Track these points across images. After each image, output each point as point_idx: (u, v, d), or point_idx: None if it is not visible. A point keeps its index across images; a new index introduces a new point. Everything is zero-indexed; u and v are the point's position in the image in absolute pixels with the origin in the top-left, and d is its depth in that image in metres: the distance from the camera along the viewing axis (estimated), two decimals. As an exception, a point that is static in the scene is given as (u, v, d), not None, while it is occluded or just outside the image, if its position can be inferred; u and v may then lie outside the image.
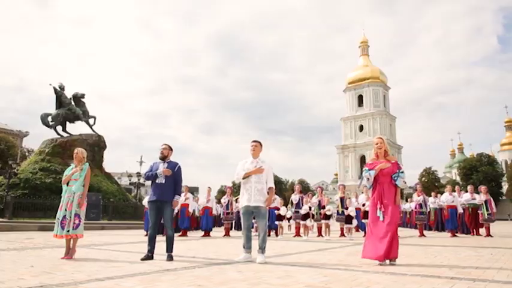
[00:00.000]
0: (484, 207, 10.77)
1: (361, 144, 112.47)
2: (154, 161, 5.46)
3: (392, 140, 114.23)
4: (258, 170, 4.85)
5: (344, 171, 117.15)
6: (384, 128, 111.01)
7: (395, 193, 4.56)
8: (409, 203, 16.99)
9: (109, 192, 23.67)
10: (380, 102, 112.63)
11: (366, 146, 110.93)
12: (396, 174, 4.56)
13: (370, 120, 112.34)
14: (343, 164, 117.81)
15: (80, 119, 25.92)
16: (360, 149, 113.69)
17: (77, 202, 5.22)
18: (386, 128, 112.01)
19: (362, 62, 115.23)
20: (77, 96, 26.03)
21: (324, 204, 10.15)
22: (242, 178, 4.88)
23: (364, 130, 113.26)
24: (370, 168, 4.66)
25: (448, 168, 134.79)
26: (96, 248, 7.04)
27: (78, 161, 5.50)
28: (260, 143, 5.12)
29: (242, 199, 4.91)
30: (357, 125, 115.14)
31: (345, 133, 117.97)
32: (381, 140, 4.76)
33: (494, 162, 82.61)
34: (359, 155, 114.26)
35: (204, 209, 11.45)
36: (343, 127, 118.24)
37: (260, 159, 5.01)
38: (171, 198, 5.06)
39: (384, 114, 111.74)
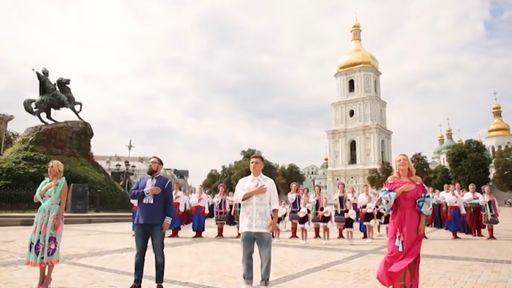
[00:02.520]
0: (487, 209, 10.36)
1: (351, 129, 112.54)
2: (142, 176, 4.79)
3: (383, 126, 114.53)
4: (260, 189, 4.24)
5: (334, 156, 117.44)
6: (374, 113, 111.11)
7: (419, 221, 3.99)
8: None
9: (96, 182, 22.93)
10: (371, 87, 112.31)
11: (356, 131, 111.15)
12: (421, 198, 3.98)
13: (360, 106, 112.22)
14: (334, 149, 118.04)
15: (65, 105, 24.91)
16: (350, 134, 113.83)
17: (52, 224, 4.54)
18: (377, 114, 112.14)
19: (354, 47, 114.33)
20: (62, 81, 24.96)
21: (322, 205, 9.63)
22: (242, 199, 4.26)
23: (355, 115, 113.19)
24: (390, 189, 4.07)
25: (436, 154, 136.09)
26: (78, 263, 6.40)
27: (53, 175, 4.79)
28: (262, 158, 4.49)
29: (242, 223, 4.29)
30: (348, 110, 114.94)
31: (335, 118, 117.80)
32: (405, 157, 4.16)
33: (482, 149, 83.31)
34: (349, 140, 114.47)
35: (196, 208, 10.85)
36: (334, 112, 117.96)
37: (262, 177, 4.39)
38: (160, 221, 4.43)
39: (375, 99, 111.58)
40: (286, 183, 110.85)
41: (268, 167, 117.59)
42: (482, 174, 79.17)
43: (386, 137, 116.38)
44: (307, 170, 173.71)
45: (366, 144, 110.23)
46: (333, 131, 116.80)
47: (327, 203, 9.64)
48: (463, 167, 77.64)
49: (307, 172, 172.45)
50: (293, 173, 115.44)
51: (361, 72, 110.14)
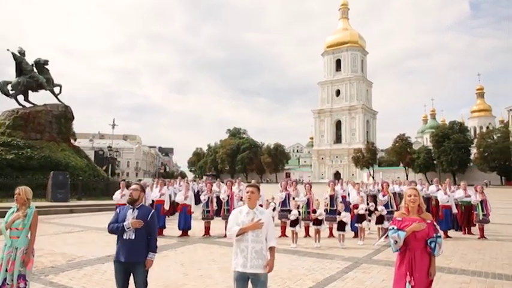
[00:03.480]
0: (479, 208, 10.22)
1: (337, 109, 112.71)
2: (121, 206, 4.30)
3: (368, 106, 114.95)
4: (255, 224, 3.80)
5: (320, 135, 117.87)
6: (360, 93, 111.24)
7: (430, 263, 3.64)
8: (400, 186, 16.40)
9: (78, 168, 22.24)
10: (358, 67, 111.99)
11: (342, 111, 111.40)
12: (433, 239, 3.63)
13: (347, 85, 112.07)
14: (319, 128, 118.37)
15: (43, 87, 23.85)
16: (336, 113, 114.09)
17: (21, 260, 4.05)
18: (363, 94, 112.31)
19: (341, 26, 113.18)
20: (40, 62, 23.80)
21: (314, 207, 9.30)
22: (236, 235, 3.83)
23: (341, 95, 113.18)
24: (399, 228, 3.69)
25: (420, 134, 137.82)
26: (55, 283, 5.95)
27: (20, 203, 4.24)
28: (258, 187, 4.04)
29: (236, 261, 3.87)
30: (334, 90, 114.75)
31: (321, 97, 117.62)
32: (416, 192, 3.77)
33: (465, 130, 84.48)
34: (335, 120, 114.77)
35: (182, 207, 10.42)
36: (320, 91, 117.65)
37: (258, 210, 3.95)
38: (143, 258, 3.99)
39: (361, 79, 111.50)
40: (271, 162, 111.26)
41: (253, 145, 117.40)
42: (464, 155, 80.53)
43: (372, 117, 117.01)
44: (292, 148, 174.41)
45: (352, 124, 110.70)
46: (318, 110, 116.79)
47: (319, 204, 9.31)
48: (446, 148, 78.74)
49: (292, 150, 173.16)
50: (278, 152, 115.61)
51: (349, 51, 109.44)
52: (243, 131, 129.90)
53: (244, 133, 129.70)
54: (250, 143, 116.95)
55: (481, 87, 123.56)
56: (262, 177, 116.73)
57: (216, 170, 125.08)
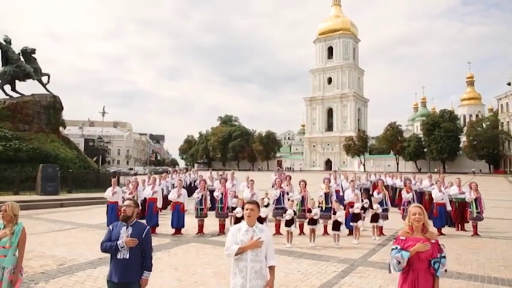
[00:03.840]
0: (473, 206, 10.23)
1: (329, 96, 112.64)
2: (114, 222, 4.11)
3: (360, 94, 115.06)
4: (255, 243, 3.67)
5: (311, 123, 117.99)
6: (352, 81, 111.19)
7: (433, 284, 3.55)
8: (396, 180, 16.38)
9: (68, 159, 21.89)
10: (350, 55, 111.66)
11: (334, 99, 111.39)
12: (437, 259, 3.53)
13: (339, 73, 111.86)
14: (311, 116, 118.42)
15: (31, 77, 23.29)
16: (327, 101, 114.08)
17: (8, 280, 3.87)
18: (354, 82, 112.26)
19: (334, 13, 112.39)
20: (27, 51, 23.20)
21: (309, 206, 9.21)
22: (235, 254, 3.69)
23: (333, 83, 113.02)
24: (402, 247, 3.58)
25: (410, 122, 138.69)
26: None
27: (7, 220, 4.03)
28: (257, 204, 3.89)
29: (234, 281, 3.74)
30: (326, 77, 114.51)
31: (313, 85, 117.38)
32: (421, 210, 3.65)
33: (455, 119, 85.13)
34: (326, 108, 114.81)
35: (175, 205, 10.26)
36: (312, 79, 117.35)
37: (257, 227, 3.81)
38: (138, 277, 3.83)
39: (353, 67, 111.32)
40: (263, 150, 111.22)
41: (245, 133, 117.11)
42: (454, 143, 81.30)
43: (363, 104, 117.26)
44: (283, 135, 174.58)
45: (343, 111, 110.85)
46: (310, 98, 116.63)
47: (314, 204, 9.22)
48: (436, 137, 79.36)
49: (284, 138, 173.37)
50: (270, 140, 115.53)
51: (341, 39, 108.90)
52: (234, 119, 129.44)
53: (235, 120, 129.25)
54: (242, 130, 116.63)
55: (471, 75, 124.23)
56: (254, 164, 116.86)
57: (207, 158, 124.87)
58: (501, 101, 79.44)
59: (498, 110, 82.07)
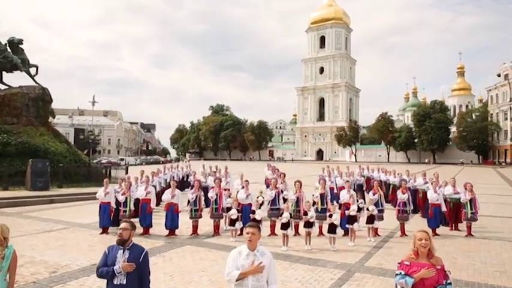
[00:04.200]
0: (468, 206, 10.26)
1: (320, 86, 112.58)
2: (110, 245, 3.96)
3: (352, 84, 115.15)
4: (256, 268, 3.56)
5: (303, 113, 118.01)
6: (344, 71, 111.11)
7: (439, 312, 3.48)
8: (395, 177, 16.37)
9: (58, 153, 21.54)
10: (342, 44, 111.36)
11: (326, 89, 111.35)
12: (442, 286, 3.46)
13: (331, 63, 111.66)
14: (303, 105, 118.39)
15: (18, 68, 22.76)
16: (319, 91, 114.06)
17: (0, 306, 3.72)
18: (346, 71, 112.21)
19: (326, 2, 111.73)
20: (14, 42, 22.62)
21: (305, 208, 9.11)
22: (236, 280, 3.58)
23: (325, 72, 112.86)
24: (407, 273, 3.51)
25: (401, 112, 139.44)
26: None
27: (-2, 243, 3.86)
28: (259, 227, 3.77)
29: (235, 307, 3.64)
30: (318, 67, 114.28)
31: (305, 75, 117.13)
32: (427, 236, 3.58)
33: (445, 110, 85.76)
34: (318, 98, 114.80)
35: (169, 206, 10.12)
36: (304, 68, 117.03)
37: (259, 251, 3.69)
38: (136, 303, 3.71)
39: (345, 57, 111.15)
40: (255, 140, 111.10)
41: (237, 123, 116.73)
42: (444, 134, 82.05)
43: (355, 95, 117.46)
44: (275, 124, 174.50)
45: (335, 101, 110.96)
46: (302, 87, 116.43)
47: (310, 206, 9.14)
48: (427, 127, 79.96)
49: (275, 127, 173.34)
50: (262, 129, 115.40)
51: (333, 28, 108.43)
52: (226, 108, 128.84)
53: (227, 110, 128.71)
54: (234, 120, 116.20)
55: (462, 66, 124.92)
56: (246, 154, 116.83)
57: (199, 147, 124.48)
58: (491, 92, 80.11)
59: (488, 101, 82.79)
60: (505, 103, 73.90)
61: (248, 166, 64.65)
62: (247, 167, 56.85)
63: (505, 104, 73.97)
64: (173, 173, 19.44)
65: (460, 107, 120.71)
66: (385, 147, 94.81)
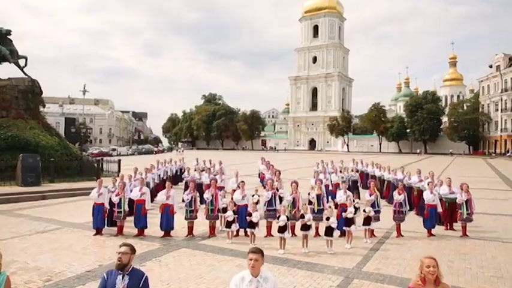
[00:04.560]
0: (464, 207, 10.28)
1: (313, 76, 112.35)
2: (109, 270, 3.83)
3: (345, 73, 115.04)
4: (260, 296, 3.47)
5: (296, 102, 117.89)
6: (337, 60, 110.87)
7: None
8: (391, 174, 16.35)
9: (49, 147, 21.20)
10: (335, 34, 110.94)
11: (319, 78, 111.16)
12: (450, 314, 3.40)
13: (324, 52, 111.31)
14: (295, 95, 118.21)
15: (7, 60, 22.26)
16: (312, 80, 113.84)
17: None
18: (339, 61, 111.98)
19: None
20: (1, 32, 22.07)
21: (303, 212, 9.04)
22: (239, 307, 3.49)
23: (318, 62, 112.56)
24: (413, 300, 3.45)
25: (394, 101, 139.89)
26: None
27: (-9, 270, 3.70)
28: (262, 253, 3.67)
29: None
30: (311, 57, 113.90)
31: (298, 64, 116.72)
32: (435, 263, 3.51)
33: (437, 100, 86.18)
34: (311, 87, 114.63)
35: (164, 207, 9.99)
36: (297, 58, 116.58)
37: (262, 276, 3.60)
38: (135, 331, 3.59)
39: (338, 46, 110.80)
40: (247, 129, 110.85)
41: (229, 112, 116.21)
42: (435, 124, 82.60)
43: (348, 84, 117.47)
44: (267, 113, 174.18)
45: (328, 91, 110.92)
46: (295, 77, 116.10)
47: (307, 209, 9.07)
48: (419, 118, 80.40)
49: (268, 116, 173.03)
50: (254, 119, 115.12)
51: (326, 17, 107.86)
52: (218, 97, 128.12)
53: (220, 99, 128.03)
54: (226, 109, 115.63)
55: (454, 56, 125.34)
56: (238, 143, 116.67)
57: (191, 137, 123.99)
58: (482, 83, 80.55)
59: (479, 92, 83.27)
60: (496, 94, 74.42)
61: (241, 156, 64.56)
62: (240, 158, 56.81)
63: (496, 95, 74.50)
64: (166, 167, 19.28)
65: (452, 97, 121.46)
66: (377, 138, 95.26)
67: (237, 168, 33.41)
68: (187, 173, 16.11)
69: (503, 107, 72.14)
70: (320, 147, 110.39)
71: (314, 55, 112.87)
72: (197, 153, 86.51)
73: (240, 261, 8.09)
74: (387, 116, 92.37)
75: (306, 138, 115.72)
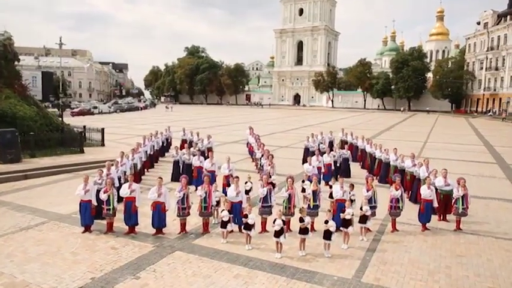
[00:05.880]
0: (459, 202, 10.22)
1: (299, 29, 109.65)
2: None
3: (331, 27, 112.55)
4: None
5: (281, 56, 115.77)
6: (324, 13, 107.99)
7: None
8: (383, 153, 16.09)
9: (27, 118, 20.15)
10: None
11: (305, 32, 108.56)
12: None
13: (311, 4, 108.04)
14: (281, 49, 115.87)
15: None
16: (298, 34, 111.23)
17: None
18: (326, 14, 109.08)
19: None
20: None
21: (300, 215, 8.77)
22: None
23: (304, 14, 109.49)
24: None
25: (379, 55, 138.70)
26: None
27: None
28: None
29: None
30: (297, 8, 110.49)
31: (284, 16, 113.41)
32: None
33: (423, 57, 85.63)
34: (297, 41, 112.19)
35: (156, 204, 9.61)
36: (283, 9, 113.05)
37: None
38: None
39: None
40: (231, 84, 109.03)
41: (213, 66, 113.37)
42: (420, 82, 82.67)
43: (334, 38, 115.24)
44: (251, 65, 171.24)
45: (313, 45, 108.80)
46: (280, 30, 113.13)
47: (305, 212, 8.81)
48: (404, 75, 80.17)
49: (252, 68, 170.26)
50: (238, 73, 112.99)
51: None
52: (201, 50, 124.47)
53: (203, 51, 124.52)
54: (210, 63, 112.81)
55: (442, 9, 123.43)
56: (222, 98, 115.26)
57: (174, 91, 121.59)
58: (469, 40, 79.96)
59: (466, 49, 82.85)
60: (482, 52, 74.19)
61: (226, 114, 63.73)
62: (225, 117, 56.00)
63: (482, 53, 74.29)
64: (153, 142, 18.67)
65: (437, 52, 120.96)
66: (362, 94, 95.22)
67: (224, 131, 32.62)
68: (176, 152, 15.57)
69: (487, 66, 72.26)
70: (304, 102, 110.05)
71: (300, 7, 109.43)
72: (182, 108, 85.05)
73: (237, 270, 7.92)
74: (373, 72, 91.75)
75: (290, 93, 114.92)
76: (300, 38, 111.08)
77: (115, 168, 12.16)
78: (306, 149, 19.05)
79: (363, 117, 64.85)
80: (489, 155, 24.43)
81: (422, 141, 30.73)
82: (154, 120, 49.39)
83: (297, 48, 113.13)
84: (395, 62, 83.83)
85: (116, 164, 12.49)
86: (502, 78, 68.51)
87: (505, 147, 28.00)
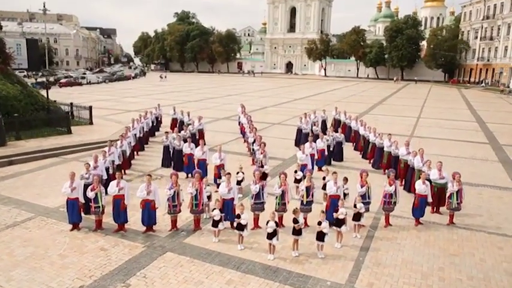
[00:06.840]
0: (454, 197, 10.12)
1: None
2: None
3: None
4: None
5: (273, 23, 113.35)
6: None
7: None
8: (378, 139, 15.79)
9: (10, 97, 19.49)
10: None
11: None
12: None
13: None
14: (273, 15, 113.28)
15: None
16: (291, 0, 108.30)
17: None
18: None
19: None
20: None
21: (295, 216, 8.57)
22: None
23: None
24: None
25: (373, 22, 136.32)
26: None
27: None
28: None
29: None
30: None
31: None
32: None
33: (418, 25, 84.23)
34: (290, 7, 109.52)
35: (145, 202, 9.35)
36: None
37: None
38: None
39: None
40: (223, 52, 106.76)
41: (204, 32, 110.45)
42: (414, 51, 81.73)
43: (327, 4, 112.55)
44: (243, 31, 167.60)
45: (307, 12, 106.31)
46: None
47: (299, 213, 8.62)
48: (398, 44, 79.08)
49: (244, 34, 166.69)
50: (230, 40, 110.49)
51: None
52: (192, 15, 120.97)
53: (193, 17, 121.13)
54: (201, 29, 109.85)
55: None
56: (214, 66, 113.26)
57: (164, 58, 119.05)
58: (465, 8, 78.56)
59: (461, 17, 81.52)
60: (477, 21, 73.08)
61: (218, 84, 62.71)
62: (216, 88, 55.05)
63: (477, 22, 73.20)
64: (142, 123, 18.19)
65: (432, 19, 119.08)
66: (355, 62, 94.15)
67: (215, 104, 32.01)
68: (166, 137, 15.20)
69: (482, 35, 71.38)
70: (297, 70, 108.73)
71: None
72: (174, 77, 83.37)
73: (229, 275, 7.81)
74: (366, 40, 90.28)
75: (283, 61, 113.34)
76: (293, 4, 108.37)
77: (102, 159, 11.80)
78: (298, 130, 18.77)
79: (356, 87, 64.31)
80: (482, 133, 24.39)
81: (416, 117, 30.59)
82: (145, 92, 48.42)
83: (290, 15, 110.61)
84: (389, 30, 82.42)
85: (104, 154, 12.11)
86: (496, 48, 67.88)
87: (497, 124, 27.99)
